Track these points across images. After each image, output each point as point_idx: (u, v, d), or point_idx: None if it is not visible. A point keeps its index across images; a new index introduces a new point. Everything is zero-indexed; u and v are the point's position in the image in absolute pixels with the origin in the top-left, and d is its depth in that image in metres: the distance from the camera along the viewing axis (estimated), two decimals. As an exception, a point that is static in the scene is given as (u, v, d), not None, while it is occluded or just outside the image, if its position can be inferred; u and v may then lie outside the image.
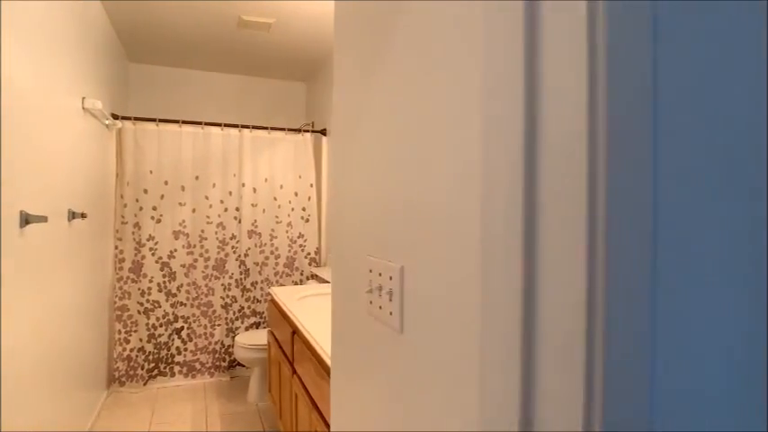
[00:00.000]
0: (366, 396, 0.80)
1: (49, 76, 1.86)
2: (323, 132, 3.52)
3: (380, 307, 0.79)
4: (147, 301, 3.12)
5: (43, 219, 1.63)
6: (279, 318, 2.20)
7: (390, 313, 0.75)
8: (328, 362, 1.39)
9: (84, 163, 2.39)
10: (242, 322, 3.33)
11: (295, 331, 1.89)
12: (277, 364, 2.26)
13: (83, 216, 2.21)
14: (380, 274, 0.79)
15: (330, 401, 0.98)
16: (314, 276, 3.39)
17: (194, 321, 3.23)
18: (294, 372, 1.90)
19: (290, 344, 1.95)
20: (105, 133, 2.91)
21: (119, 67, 3.28)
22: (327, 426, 1.42)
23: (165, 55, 3.54)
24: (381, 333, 0.77)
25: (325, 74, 3.64)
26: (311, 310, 1.96)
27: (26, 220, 1.55)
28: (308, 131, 3.51)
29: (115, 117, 2.96)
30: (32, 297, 1.67)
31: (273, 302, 2.36)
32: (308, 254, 3.46)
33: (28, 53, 1.62)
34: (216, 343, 3.27)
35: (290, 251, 3.43)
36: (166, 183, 3.16)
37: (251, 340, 2.87)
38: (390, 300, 0.76)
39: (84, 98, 2.36)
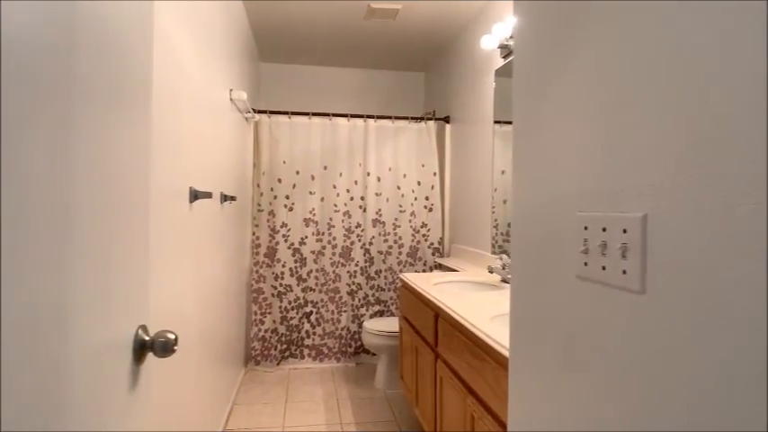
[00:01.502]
0: (575, 378, 0.69)
1: (208, 69, 1.98)
2: (446, 120, 3.44)
3: (604, 267, 0.67)
4: (281, 284, 3.28)
5: (208, 195, 1.74)
6: (415, 303, 2.15)
7: (624, 272, 0.64)
8: (490, 343, 1.29)
9: (230, 151, 2.56)
10: (367, 310, 3.36)
11: (438, 315, 1.82)
12: (412, 350, 2.21)
13: (233, 199, 2.36)
14: (604, 229, 0.68)
15: (509, 386, 0.89)
16: (438, 266, 3.31)
17: (322, 306, 3.33)
18: (437, 356, 1.83)
19: (431, 328, 1.89)
20: (245, 125, 3.10)
21: (253, 67, 3.49)
22: (486, 409, 1.33)
23: (292, 54, 3.71)
24: (605, 297, 0.66)
25: (445, 62, 3.55)
26: (451, 296, 1.88)
27: (195, 195, 1.66)
28: (430, 119, 3.45)
29: (252, 111, 3.14)
30: (193, 272, 1.79)
31: (407, 288, 2.32)
32: (432, 244, 3.40)
33: (194, 45, 1.73)
34: (342, 329, 3.34)
35: (413, 241, 3.39)
36: (298, 172, 3.29)
37: (379, 327, 2.87)
38: (624, 256, 0.64)
39: (231, 90, 2.52)
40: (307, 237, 3.30)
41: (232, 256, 2.68)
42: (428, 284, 2.16)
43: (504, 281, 2.21)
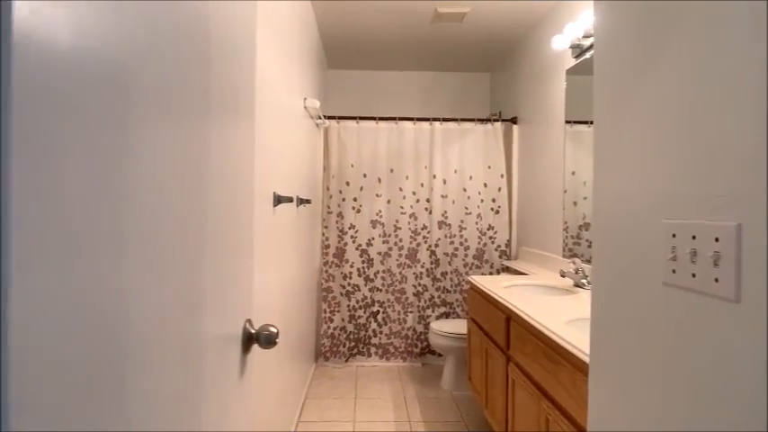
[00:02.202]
0: (660, 384, 0.69)
1: (287, 79, 2.11)
2: (513, 121, 3.40)
3: (694, 275, 0.68)
4: (349, 284, 3.38)
5: (290, 199, 1.85)
6: (485, 305, 2.16)
7: (716, 280, 0.64)
8: (567, 347, 1.29)
9: (304, 157, 2.68)
10: (432, 311, 3.40)
11: (510, 318, 1.82)
12: (481, 352, 2.22)
13: (308, 202, 2.48)
14: (694, 237, 0.68)
15: (589, 391, 0.89)
16: (505, 269, 3.29)
17: (389, 307, 3.40)
18: (509, 359, 1.84)
19: (502, 331, 1.89)
20: (315, 131, 3.24)
21: (321, 74, 3.63)
22: (562, 411, 1.33)
23: (358, 60, 3.81)
24: (695, 304, 0.66)
25: (512, 62, 3.52)
26: (522, 299, 1.88)
27: (278, 200, 1.77)
28: (497, 121, 3.43)
29: (322, 117, 3.27)
30: (276, 272, 1.91)
31: (476, 290, 2.33)
32: (499, 246, 3.38)
33: (276, 56, 1.85)
34: (408, 329, 3.40)
35: (479, 243, 3.39)
36: (365, 175, 3.39)
37: (446, 328, 2.90)
38: (716, 265, 0.64)
39: (305, 98, 2.65)
40: (374, 238, 3.39)
41: (304, 256, 2.81)
42: (498, 287, 2.16)
43: (578, 285, 2.17)
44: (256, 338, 0.88)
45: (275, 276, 1.86)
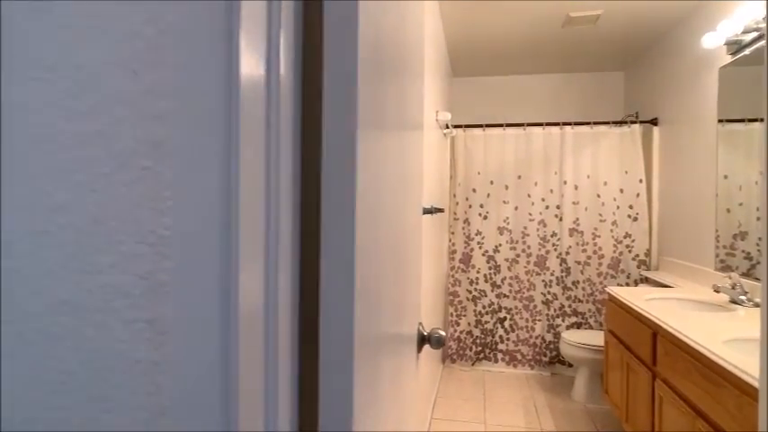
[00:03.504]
0: None
1: (426, 93, 2.26)
2: (653, 122, 3.20)
3: None
4: (475, 289, 3.46)
5: (440, 210, 1.99)
6: (626, 318, 2.10)
7: None
8: (729, 368, 1.24)
9: (435, 166, 2.82)
10: (563, 320, 3.33)
11: (656, 333, 1.76)
12: (621, 366, 2.16)
13: (441, 211, 2.61)
14: None
15: (759, 420, 0.87)
16: (644, 280, 3.11)
17: (516, 313, 3.41)
18: (655, 375, 1.78)
19: (647, 346, 1.84)
20: (443, 141, 3.37)
21: (447, 83, 3.74)
22: (724, 440, 1.28)
23: (483, 66, 3.86)
24: None
25: (650, 60, 3.30)
26: (670, 314, 1.80)
27: (424, 210, 1.92)
28: (634, 122, 3.25)
29: (449, 126, 3.39)
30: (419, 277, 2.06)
31: (615, 302, 2.27)
32: (636, 255, 3.20)
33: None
34: (536, 337, 3.37)
35: (614, 251, 3.24)
36: (492, 182, 3.44)
37: (579, 339, 2.83)
38: None
39: (437, 111, 2.78)
40: (500, 245, 3.41)
41: (435, 261, 2.95)
42: (639, 300, 2.09)
43: (734, 302, 2.01)
44: (428, 340, 1.02)
45: (419, 281, 2.01)
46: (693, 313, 1.83)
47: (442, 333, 1.01)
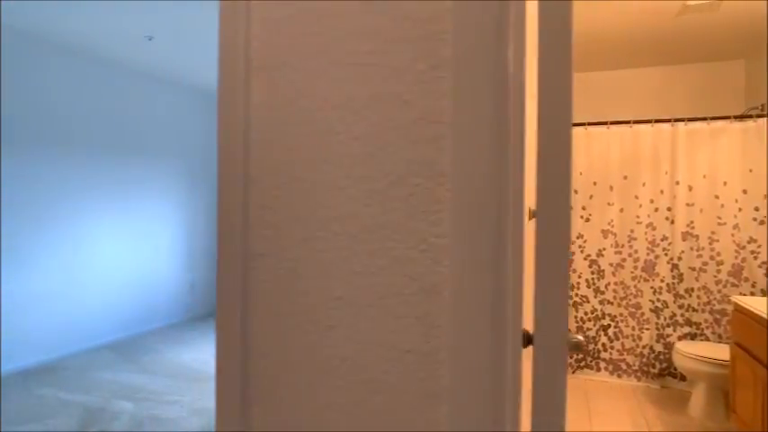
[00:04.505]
0: None
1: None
2: (784, 115, 2.89)
3: None
4: (576, 295, 3.33)
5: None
6: (761, 332, 1.92)
7: None
8: None
9: (532, 167, 2.76)
10: (674, 330, 3.11)
11: (803, 349, 1.60)
12: (755, 384, 1.98)
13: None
14: None
15: None
16: (774, 289, 2.82)
17: (621, 321, 3.24)
18: (801, 396, 1.62)
19: (790, 362, 1.68)
20: (542, 141, 3.28)
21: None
22: None
23: (583, 62, 3.70)
24: None
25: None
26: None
27: (532, 214, 1.90)
28: (761, 116, 2.96)
29: (551, 126, 3.29)
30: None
31: (744, 313, 2.09)
32: (763, 262, 2.91)
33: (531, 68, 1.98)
34: (644, 347, 3.18)
35: (736, 258, 2.97)
36: (595, 183, 3.29)
37: (697, 351, 2.64)
38: None
39: (539, 111, 2.72)
40: (605, 248, 3.26)
41: (529, 263, 2.88)
42: (777, 312, 1.91)
43: None
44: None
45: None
46: None
47: (581, 338, 1.00)
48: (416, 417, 0.37)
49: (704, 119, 3.07)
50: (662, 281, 3.13)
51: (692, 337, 3.09)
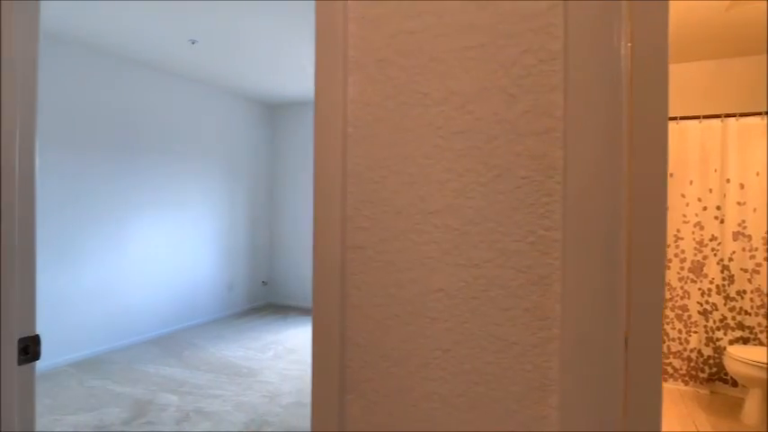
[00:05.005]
0: None
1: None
2: None
3: None
4: (618, 296, 3.25)
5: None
6: (824, 334, 1.83)
7: None
8: None
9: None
10: (724, 333, 3.00)
11: None
12: (817, 389, 1.89)
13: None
14: None
15: None
16: (835, 292, 2.68)
17: (667, 324, 3.14)
18: None
19: None
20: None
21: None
22: None
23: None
24: None
25: None
26: None
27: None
28: (820, 111, 2.82)
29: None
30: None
31: (805, 316, 1.99)
32: (823, 263, 2.77)
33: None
34: (692, 351, 3.07)
35: (793, 258, 2.84)
36: (639, 182, 3.20)
37: (751, 356, 2.53)
38: None
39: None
40: (649, 248, 3.17)
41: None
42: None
43: None
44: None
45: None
46: None
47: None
48: (521, 409, 0.38)
49: (759, 113, 2.95)
50: (711, 282, 3.02)
51: (745, 341, 2.97)
